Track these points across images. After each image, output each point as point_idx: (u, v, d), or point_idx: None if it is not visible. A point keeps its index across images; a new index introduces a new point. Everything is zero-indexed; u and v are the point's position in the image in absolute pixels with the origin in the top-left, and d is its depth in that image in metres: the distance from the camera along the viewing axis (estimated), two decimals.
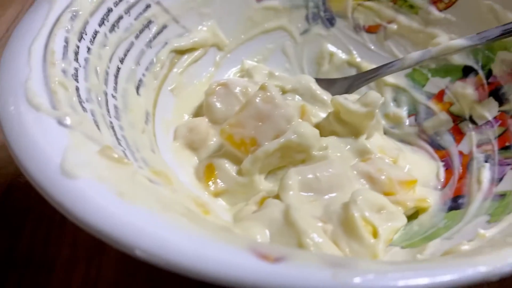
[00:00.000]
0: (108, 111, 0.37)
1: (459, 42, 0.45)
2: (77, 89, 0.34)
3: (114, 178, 0.27)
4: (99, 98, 0.37)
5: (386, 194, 0.41)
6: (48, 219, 0.43)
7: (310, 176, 0.39)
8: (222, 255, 0.23)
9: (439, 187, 0.45)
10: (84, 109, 0.33)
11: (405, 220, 0.39)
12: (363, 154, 0.44)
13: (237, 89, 0.47)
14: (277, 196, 0.39)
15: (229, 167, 0.42)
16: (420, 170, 0.46)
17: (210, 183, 0.41)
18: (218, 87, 0.47)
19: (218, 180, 0.41)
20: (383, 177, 0.41)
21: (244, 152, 0.42)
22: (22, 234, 0.43)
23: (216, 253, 0.23)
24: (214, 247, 0.24)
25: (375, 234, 0.35)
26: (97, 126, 0.33)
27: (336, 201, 0.38)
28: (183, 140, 0.44)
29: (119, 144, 0.35)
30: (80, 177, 0.26)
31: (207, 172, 0.42)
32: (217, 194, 0.41)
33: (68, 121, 0.30)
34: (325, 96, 0.50)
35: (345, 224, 0.35)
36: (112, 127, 0.36)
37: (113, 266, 0.41)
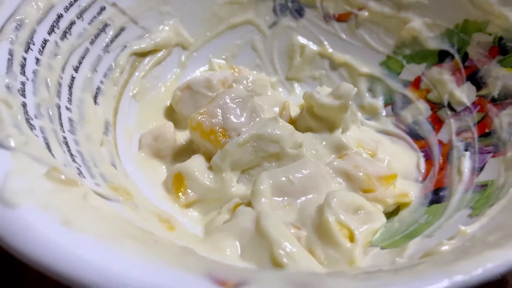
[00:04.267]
0: (62, 126, 0.35)
1: None
2: (24, 105, 0.32)
3: (60, 204, 0.25)
4: (50, 113, 0.34)
5: (365, 191, 0.39)
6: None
7: (283, 179, 0.37)
8: (177, 285, 0.21)
9: (420, 179, 0.43)
10: (31, 127, 0.31)
11: (384, 219, 0.37)
12: (339, 149, 0.42)
13: (201, 87, 0.45)
14: (250, 203, 0.37)
15: (199, 174, 0.39)
16: (401, 162, 0.44)
17: (180, 194, 0.39)
18: (182, 92, 0.45)
19: (189, 190, 0.39)
20: (360, 174, 0.39)
21: (215, 142, 0.40)
22: None
23: (171, 283, 0.21)
24: (169, 276, 0.22)
25: (352, 238, 0.33)
26: (47, 144, 0.31)
27: (311, 203, 0.36)
28: (148, 149, 0.42)
29: (74, 160, 0.33)
30: (21, 205, 0.24)
31: (175, 182, 0.39)
32: (188, 205, 0.39)
33: (11, 142, 0.28)
34: None
35: (320, 229, 0.33)
36: (66, 143, 0.34)
37: None
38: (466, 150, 0.41)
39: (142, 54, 0.46)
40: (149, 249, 0.23)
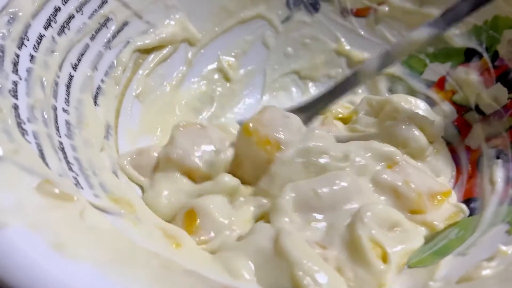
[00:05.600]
0: (58, 130, 0.32)
1: (422, 32, 0.38)
2: (16, 107, 0.29)
3: (53, 223, 0.22)
4: (45, 115, 0.31)
5: (413, 212, 0.35)
6: None
7: (308, 192, 0.33)
8: None
9: None
10: (23, 132, 0.28)
11: (421, 240, 0.33)
12: (387, 158, 0.37)
13: (214, 132, 0.39)
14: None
15: (216, 211, 0.34)
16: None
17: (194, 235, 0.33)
18: (195, 125, 0.40)
19: (203, 231, 0.34)
20: (412, 194, 0.34)
21: (270, 153, 0.36)
22: None
23: None
24: None
25: (385, 258, 0.30)
26: (41, 151, 0.28)
27: (341, 219, 0.32)
28: (130, 158, 0.37)
29: (70, 169, 0.30)
30: (7, 225, 0.21)
31: (187, 220, 0.34)
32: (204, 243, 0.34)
33: None
34: None
35: (351, 246, 0.30)
36: (62, 149, 0.31)
37: None
38: (497, 157, 0.38)
39: (146, 51, 0.43)
40: (153, 279, 0.20)
